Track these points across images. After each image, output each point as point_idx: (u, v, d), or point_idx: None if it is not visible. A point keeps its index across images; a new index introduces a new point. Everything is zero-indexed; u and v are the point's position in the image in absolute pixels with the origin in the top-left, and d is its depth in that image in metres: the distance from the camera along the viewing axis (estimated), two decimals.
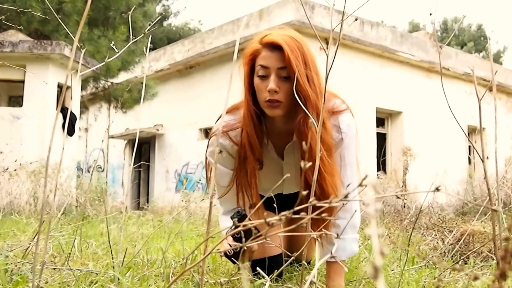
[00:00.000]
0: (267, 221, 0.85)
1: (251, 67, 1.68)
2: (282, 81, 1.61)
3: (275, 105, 1.62)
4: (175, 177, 13.33)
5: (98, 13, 9.56)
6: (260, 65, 1.63)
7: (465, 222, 4.65)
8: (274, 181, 1.88)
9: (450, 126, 12.21)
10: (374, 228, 0.40)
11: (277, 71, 1.61)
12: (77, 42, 0.95)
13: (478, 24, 27.37)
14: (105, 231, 4.02)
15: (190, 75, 13.08)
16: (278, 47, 1.60)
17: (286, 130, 1.76)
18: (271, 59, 1.61)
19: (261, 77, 1.63)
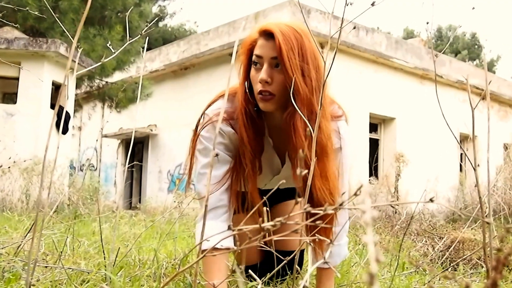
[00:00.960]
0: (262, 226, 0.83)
1: (249, 57, 1.57)
2: (276, 72, 1.50)
3: (267, 98, 1.51)
4: (168, 178, 13.32)
5: (94, 12, 9.55)
6: (255, 54, 1.53)
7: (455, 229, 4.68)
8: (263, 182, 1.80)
9: (442, 133, 12.27)
10: (371, 236, 0.42)
11: (270, 60, 1.50)
12: (76, 42, 0.96)
13: (472, 33, 27.56)
14: (97, 230, 4.02)
15: (185, 76, 13.08)
16: (273, 35, 1.49)
17: (287, 128, 1.59)
18: (265, 47, 1.50)
19: (255, 68, 1.53)
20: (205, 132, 1.64)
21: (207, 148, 1.63)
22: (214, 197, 1.62)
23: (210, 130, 1.63)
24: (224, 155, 1.64)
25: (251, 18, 11.20)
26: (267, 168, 1.74)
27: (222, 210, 1.62)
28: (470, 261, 2.81)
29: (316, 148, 1.47)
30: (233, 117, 1.61)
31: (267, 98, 1.51)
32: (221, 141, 1.63)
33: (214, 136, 1.57)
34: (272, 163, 1.75)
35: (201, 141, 1.65)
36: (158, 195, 12.23)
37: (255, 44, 1.54)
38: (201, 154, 1.66)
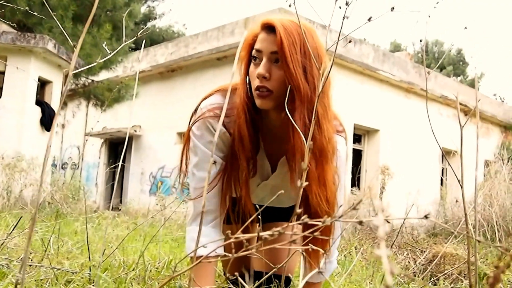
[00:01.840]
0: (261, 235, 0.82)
1: (249, 52, 1.49)
2: (275, 68, 1.42)
3: (265, 95, 1.42)
4: (150, 180, 13.25)
5: (83, 10, 9.49)
6: (255, 48, 1.45)
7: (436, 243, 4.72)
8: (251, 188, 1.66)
9: (424, 147, 12.41)
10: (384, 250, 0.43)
11: (269, 55, 1.42)
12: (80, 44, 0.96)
13: (458, 49, 27.92)
14: (80, 230, 3.99)
15: (172, 78, 13.05)
16: (274, 29, 1.42)
17: (282, 133, 1.50)
18: (265, 41, 1.43)
19: (254, 63, 1.46)
20: (196, 129, 1.55)
21: (196, 146, 1.55)
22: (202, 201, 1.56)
23: (201, 127, 1.54)
24: (214, 155, 1.55)
25: (241, 24, 11.23)
26: (258, 175, 1.65)
27: (212, 215, 1.56)
28: (450, 276, 2.84)
29: (315, 150, 1.44)
30: (228, 115, 1.51)
31: (264, 94, 1.42)
32: (211, 139, 1.53)
33: (204, 134, 1.53)
34: (262, 167, 1.64)
35: (191, 138, 1.56)
36: (139, 197, 12.16)
37: (256, 39, 1.47)
38: (192, 152, 1.58)
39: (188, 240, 1.59)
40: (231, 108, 1.51)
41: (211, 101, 1.55)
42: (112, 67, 10.77)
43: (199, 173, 1.56)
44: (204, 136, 1.53)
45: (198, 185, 1.56)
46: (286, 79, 1.39)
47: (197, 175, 1.56)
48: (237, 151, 1.50)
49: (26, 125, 7.56)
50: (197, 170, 1.56)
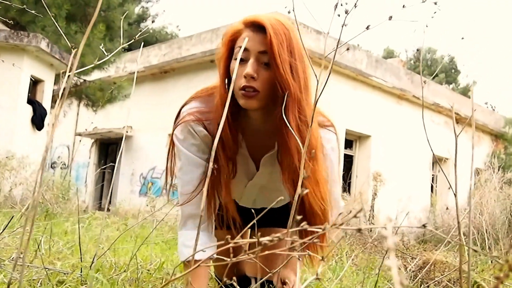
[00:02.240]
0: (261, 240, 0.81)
1: (230, 49, 1.45)
2: (262, 68, 1.39)
3: (251, 95, 1.39)
4: (140, 181, 13.20)
5: (77, 9, 9.47)
6: (240, 46, 1.38)
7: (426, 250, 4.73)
8: (238, 185, 1.67)
9: (415, 154, 12.46)
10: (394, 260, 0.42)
11: (257, 55, 1.39)
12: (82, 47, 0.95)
13: (450, 57, 28.07)
14: (70, 230, 3.97)
15: (164, 79, 13.02)
16: (262, 28, 1.39)
17: (265, 132, 1.52)
18: (253, 41, 1.38)
19: (240, 62, 1.40)
20: (178, 133, 1.55)
21: (179, 150, 1.56)
22: (191, 204, 1.54)
23: (183, 130, 1.54)
24: (195, 157, 1.54)
25: None
26: (241, 172, 1.63)
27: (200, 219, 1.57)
28: (440, 283, 2.85)
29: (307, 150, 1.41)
30: (208, 118, 1.51)
31: (251, 94, 1.39)
32: (193, 142, 1.53)
33: (186, 137, 1.54)
34: (247, 166, 1.62)
35: (175, 142, 1.57)
36: (129, 198, 12.11)
37: (239, 35, 1.43)
38: (176, 156, 1.59)
39: (179, 245, 1.60)
40: (210, 111, 1.51)
41: (191, 106, 1.56)
42: (105, 67, 10.74)
43: (184, 177, 1.55)
44: (186, 139, 1.53)
45: (184, 189, 1.56)
46: (276, 80, 1.37)
47: (182, 179, 1.56)
48: (217, 152, 1.46)
49: (18, 124, 7.52)
50: (182, 174, 1.56)
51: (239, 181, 1.64)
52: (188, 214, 1.57)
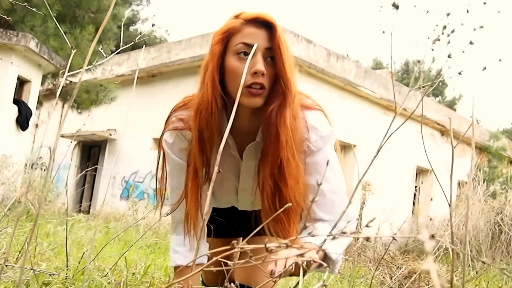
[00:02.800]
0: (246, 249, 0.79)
1: (225, 46, 1.39)
2: (268, 64, 1.36)
3: (259, 92, 1.35)
4: (122, 184, 13.08)
5: (67, 10, 9.38)
6: (243, 43, 1.36)
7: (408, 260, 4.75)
8: (229, 188, 1.63)
9: (400, 165, 12.53)
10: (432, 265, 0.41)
11: (264, 51, 1.36)
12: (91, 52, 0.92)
13: (437, 70, 28.31)
14: (52, 232, 3.91)
15: (152, 83, 12.95)
16: (266, 24, 1.37)
17: (249, 128, 1.48)
18: (258, 36, 1.35)
19: (240, 57, 1.36)
20: (167, 138, 1.53)
21: (167, 154, 1.55)
22: (181, 209, 1.51)
23: (171, 135, 1.53)
24: (183, 162, 1.51)
25: None
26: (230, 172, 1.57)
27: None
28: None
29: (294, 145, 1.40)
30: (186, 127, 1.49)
31: (259, 92, 1.36)
32: (181, 147, 1.51)
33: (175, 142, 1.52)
34: (230, 167, 1.56)
35: (163, 147, 1.55)
36: (110, 201, 12.00)
37: (236, 31, 1.38)
38: (166, 161, 1.57)
39: (170, 250, 1.60)
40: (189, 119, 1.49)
41: (181, 111, 1.54)
42: (92, 69, 10.65)
43: (173, 182, 1.55)
44: (175, 144, 1.52)
45: (173, 194, 1.55)
46: (280, 76, 1.36)
47: (171, 184, 1.56)
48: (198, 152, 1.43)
49: (2, 124, 7.41)
50: (170, 179, 1.56)
51: (229, 184, 1.61)
52: (178, 219, 1.55)
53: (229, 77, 1.38)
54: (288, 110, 1.36)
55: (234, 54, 1.37)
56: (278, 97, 1.36)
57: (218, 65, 1.38)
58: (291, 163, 1.39)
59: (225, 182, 1.60)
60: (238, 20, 1.39)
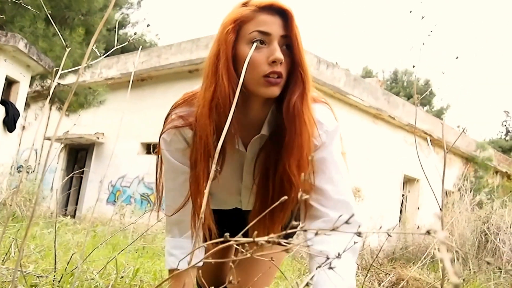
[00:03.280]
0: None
1: (237, 35, 1.31)
2: (283, 53, 1.29)
3: (277, 81, 1.29)
4: (109, 189, 13.00)
5: (57, 11, 9.33)
6: (258, 31, 1.29)
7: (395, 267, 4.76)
8: (232, 187, 1.57)
9: (387, 173, 12.58)
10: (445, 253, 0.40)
11: (280, 39, 1.29)
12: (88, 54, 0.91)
13: (426, 79, 28.61)
14: (38, 234, 3.87)
15: (141, 87, 12.90)
16: (280, 11, 1.30)
17: (257, 119, 1.42)
18: (274, 24, 1.29)
19: (256, 47, 1.28)
20: (166, 136, 1.46)
21: (163, 154, 1.48)
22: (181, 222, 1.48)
23: (169, 133, 1.45)
24: (178, 163, 1.45)
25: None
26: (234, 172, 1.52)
27: (185, 226, 1.47)
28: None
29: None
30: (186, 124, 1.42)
31: (277, 81, 1.29)
32: (178, 147, 1.44)
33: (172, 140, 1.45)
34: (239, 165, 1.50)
35: (161, 145, 1.48)
36: (97, 205, 11.91)
37: (248, 19, 1.30)
38: (163, 160, 1.51)
39: (165, 252, 1.55)
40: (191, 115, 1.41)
41: (180, 109, 1.47)
42: (81, 71, 10.57)
43: (167, 183, 1.50)
44: (172, 143, 1.46)
45: (168, 195, 1.50)
46: (298, 65, 1.31)
47: (166, 185, 1.50)
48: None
49: None
50: (166, 180, 1.51)
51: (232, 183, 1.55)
52: (173, 220, 1.50)
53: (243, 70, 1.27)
54: (309, 100, 1.32)
55: (248, 43, 1.30)
56: (298, 86, 1.31)
57: (232, 55, 1.30)
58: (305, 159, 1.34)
59: (228, 181, 1.53)
60: (248, 7, 1.31)
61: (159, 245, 4.30)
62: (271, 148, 1.38)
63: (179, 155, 1.45)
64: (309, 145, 1.33)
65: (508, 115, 35.54)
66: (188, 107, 1.44)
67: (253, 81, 1.30)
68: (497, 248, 6.01)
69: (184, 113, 1.43)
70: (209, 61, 1.33)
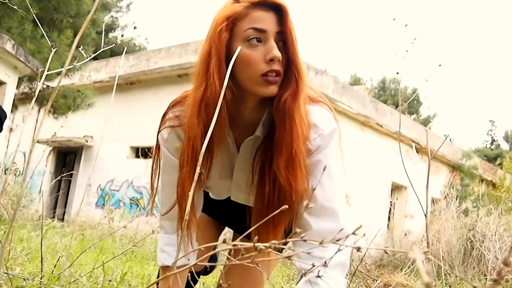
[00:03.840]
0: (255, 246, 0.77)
1: (231, 33, 1.26)
2: (280, 50, 1.24)
3: (275, 80, 1.24)
4: (98, 192, 12.92)
5: (46, 13, 9.28)
6: (253, 28, 1.24)
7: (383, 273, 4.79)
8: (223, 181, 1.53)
9: (375, 180, 12.63)
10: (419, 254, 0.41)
11: (275, 36, 1.24)
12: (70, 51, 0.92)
13: (413, 88, 28.85)
14: (25, 237, 3.84)
15: (130, 91, 12.85)
16: (275, 7, 1.25)
17: (251, 120, 1.38)
18: (269, 20, 1.24)
19: (251, 44, 1.24)
20: (164, 132, 1.43)
21: (161, 150, 1.46)
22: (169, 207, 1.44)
23: (166, 131, 1.43)
24: (176, 160, 1.41)
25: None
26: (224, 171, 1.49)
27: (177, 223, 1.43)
28: None
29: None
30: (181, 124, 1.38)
31: (275, 80, 1.24)
32: (175, 145, 1.41)
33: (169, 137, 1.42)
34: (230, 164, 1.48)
35: (159, 142, 1.45)
36: (85, 209, 11.83)
37: (241, 16, 1.25)
38: (161, 155, 1.48)
39: (158, 249, 1.53)
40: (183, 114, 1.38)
41: (177, 108, 1.43)
42: (70, 74, 10.54)
43: (164, 177, 1.46)
44: (168, 140, 1.43)
45: (164, 191, 1.46)
46: (293, 62, 1.26)
47: (162, 181, 1.47)
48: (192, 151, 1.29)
49: None
50: (162, 172, 1.47)
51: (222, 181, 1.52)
52: (167, 216, 1.47)
53: (239, 66, 1.24)
54: (301, 99, 1.27)
55: (243, 41, 1.24)
56: (291, 84, 1.26)
57: (224, 54, 1.25)
58: (303, 157, 1.29)
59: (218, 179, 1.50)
60: (241, 3, 1.26)
61: (147, 249, 4.28)
62: (265, 148, 1.34)
63: (177, 153, 1.41)
64: (299, 145, 1.27)
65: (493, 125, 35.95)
66: (183, 107, 1.41)
67: (250, 80, 1.26)
68: (483, 255, 6.06)
69: (180, 112, 1.40)
70: (200, 60, 1.29)
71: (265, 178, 1.32)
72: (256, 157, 1.37)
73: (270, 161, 1.31)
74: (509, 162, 16.99)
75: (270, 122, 1.33)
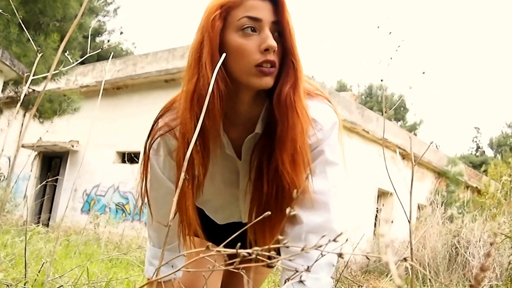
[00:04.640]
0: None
1: (224, 22, 1.20)
2: (276, 40, 1.19)
3: (271, 71, 1.18)
4: (83, 198, 12.83)
5: (32, 16, 9.23)
6: (248, 16, 1.18)
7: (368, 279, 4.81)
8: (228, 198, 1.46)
9: (362, 187, 12.68)
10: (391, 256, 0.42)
11: (271, 25, 1.19)
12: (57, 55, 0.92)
13: (400, 95, 29.07)
14: (9, 243, 3.80)
15: (117, 96, 12.82)
16: None
17: (249, 116, 1.31)
18: (264, 9, 1.18)
19: (245, 33, 1.18)
20: (153, 144, 1.35)
21: (150, 162, 1.37)
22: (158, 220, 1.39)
23: (155, 142, 1.35)
24: (162, 175, 1.36)
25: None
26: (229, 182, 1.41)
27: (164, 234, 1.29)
28: None
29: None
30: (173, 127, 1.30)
31: (271, 71, 1.19)
32: (162, 157, 1.35)
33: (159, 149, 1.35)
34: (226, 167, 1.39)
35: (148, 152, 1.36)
36: (70, 214, 11.74)
37: (236, 5, 1.19)
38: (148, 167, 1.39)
39: (146, 260, 1.51)
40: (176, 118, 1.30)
41: (166, 116, 1.35)
42: (56, 78, 10.48)
43: (151, 191, 1.39)
44: (158, 152, 1.35)
45: (151, 203, 1.40)
46: (290, 53, 1.21)
47: (150, 195, 1.39)
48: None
49: None
50: (150, 186, 1.38)
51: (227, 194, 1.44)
52: (153, 227, 1.43)
53: (233, 56, 1.19)
54: (301, 91, 1.22)
55: (237, 30, 1.19)
56: (290, 76, 1.21)
57: (218, 44, 1.19)
58: (307, 152, 1.25)
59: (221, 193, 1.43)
60: None
61: (133, 255, 4.26)
62: (264, 145, 1.27)
63: (165, 166, 1.35)
64: (303, 139, 1.23)
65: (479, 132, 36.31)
66: (172, 113, 1.34)
67: (243, 71, 1.19)
68: (467, 261, 6.11)
69: (169, 118, 1.33)
70: (192, 50, 1.23)
71: (263, 177, 1.27)
72: (254, 153, 1.31)
73: (268, 159, 1.26)
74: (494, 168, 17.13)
75: (268, 118, 1.27)
